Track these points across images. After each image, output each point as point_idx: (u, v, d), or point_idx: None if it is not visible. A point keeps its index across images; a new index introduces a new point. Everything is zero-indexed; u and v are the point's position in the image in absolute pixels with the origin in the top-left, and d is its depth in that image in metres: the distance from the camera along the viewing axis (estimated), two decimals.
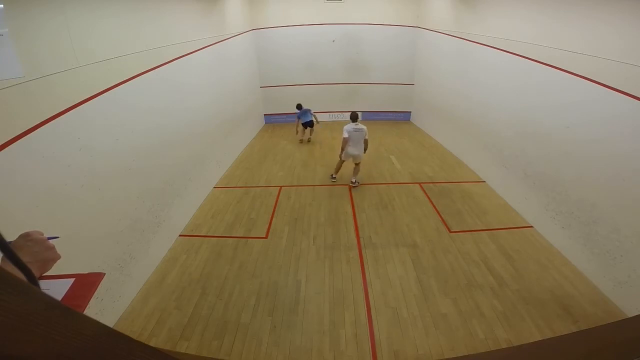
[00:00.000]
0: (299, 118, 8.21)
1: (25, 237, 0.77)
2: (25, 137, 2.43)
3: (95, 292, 0.87)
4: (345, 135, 5.50)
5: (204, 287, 3.78)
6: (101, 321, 0.46)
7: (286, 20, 9.13)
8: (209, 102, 6.06)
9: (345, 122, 5.73)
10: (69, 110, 2.84)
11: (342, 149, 5.63)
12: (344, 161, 5.91)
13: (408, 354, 2.97)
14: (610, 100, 3.52)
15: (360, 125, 5.49)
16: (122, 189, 3.53)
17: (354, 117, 5.53)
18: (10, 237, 0.62)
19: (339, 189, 5.96)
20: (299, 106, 8.33)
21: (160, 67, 4.31)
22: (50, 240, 0.82)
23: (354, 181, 5.94)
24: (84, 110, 3.00)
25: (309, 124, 8.26)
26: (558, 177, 4.34)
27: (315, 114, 8.33)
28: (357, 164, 5.89)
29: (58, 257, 0.81)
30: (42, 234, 0.81)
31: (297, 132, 8.48)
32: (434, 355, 2.94)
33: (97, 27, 3.20)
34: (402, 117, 10.25)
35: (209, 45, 5.97)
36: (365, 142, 5.59)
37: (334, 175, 6.22)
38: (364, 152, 5.75)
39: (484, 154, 6.19)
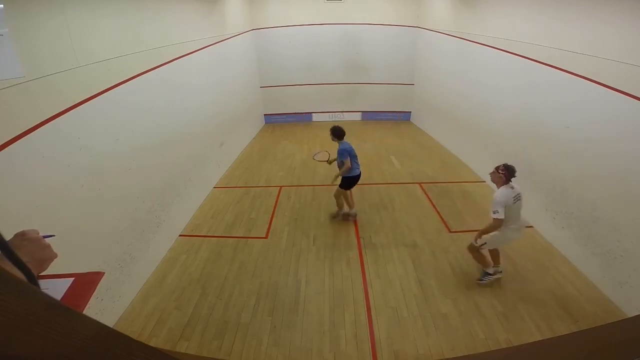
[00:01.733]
0: (348, 155, 4.42)
1: (21, 236, 0.77)
2: (26, 137, 2.43)
3: (95, 292, 0.87)
4: (500, 213, 3.14)
5: (204, 287, 3.78)
6: (101, 321, 0.46)
7: (286, 20, 9.14)
8: (209, 102, 6.06)
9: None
10: (69, 110, 2.84)
11: (487, 233, 3.36)
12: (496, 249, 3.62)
13: (408, 354, 2.97)
14: (610, 100, 3.52)
15: (517, 187, 3.29)
16: (122, 189, 3.53)
17: (510, 172, 3.21)
18: (9, 237, 0.62)
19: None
20: (338, 132, 4.52)
21: (160, 67, 4.31)
22: (46, 239, 0.81)
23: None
24: (84, 110, 3.00)
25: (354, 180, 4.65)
26: (558, 177, 4.34)
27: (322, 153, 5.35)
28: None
29: (55, 255, 0.81)
30: (38, 233, 0.80)
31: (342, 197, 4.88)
32: (434, 355, 2.94)
33: (97, 27, 3.20)
34: (402, 117, 10.25)
35: (209, 45, 5.97)
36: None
37: (491, 272, 3.65)
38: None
39: (484, 154, 6.18)
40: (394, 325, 3.25)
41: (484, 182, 6.14)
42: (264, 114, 10.22)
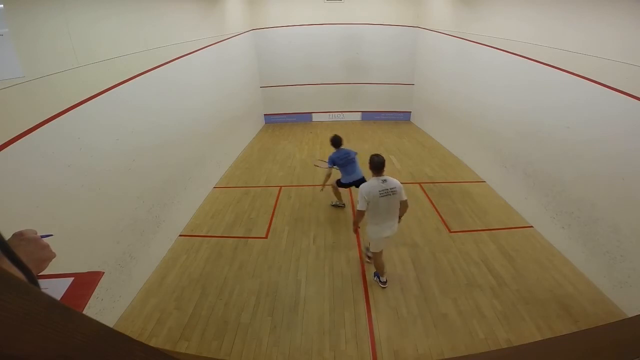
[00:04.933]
0: (335, 165, 4.73)
1: (19, 236, 0.76)
2: (26, 137, 2.43)
3: (95, 292, 0.87)
4: (363, 206, 3.13)
5: (204, 287, 3.78)
6: (101, 321, 0.46)
7: (286, 20, 9.13)
8: (209, 102, 6.06)
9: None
10: (69, 110, 2.84)
11: (357, 225, 3.41)
12: (380, 254, 3.54)
13: (408, 354, 2.97)
14: (610, 100, 3.52)
15: (391, 181, 3.20)
16: (122, 189, 3.53)
17: (377, 166, 3.20)
18: (7, 237, 0.61)
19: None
20: (332, 141, 4.83)
21: (160, 67, 4.31)
22: (45, 239, 0.81)
23: (384, 281, 3.67)
24: (84, 110, 3.00)
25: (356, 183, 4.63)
26: (558, 177, 4.34)
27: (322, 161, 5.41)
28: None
29: (53, 255, 0.80)
30: (36, 233, 0.79)
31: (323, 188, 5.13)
32: (434, 355, 2.94)
33: (97, 27, 3.20)
34: (402, 117, 10.25)
35: (209, 45, 5.97)
36: (403, 205, 3.32)
37: (382, 279, 3.67)
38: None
39: (484, 154, 6.19)
40: (394, 325, 3.25)
41: (484, 182, 6.15)
42: (264, 114, 10.22)
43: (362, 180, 4.45)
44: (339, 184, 4.97)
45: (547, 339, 2.58)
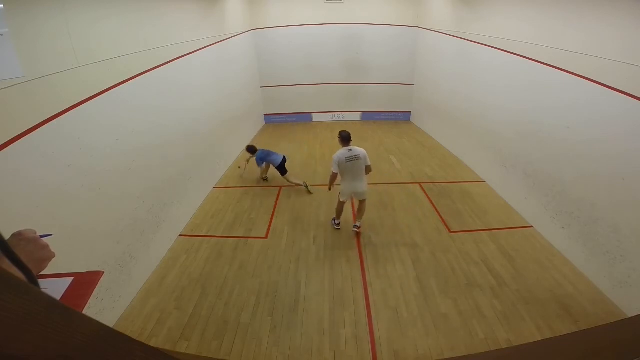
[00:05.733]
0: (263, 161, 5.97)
1: (18, 236, 0.76)
2: (26, 137, 2.43)
3: (95, 292, 0.87)
4: (335, 169, 4.14)
5: (204, 287, 3.78)
6: (101, 321, 0.46)
7: (286, 20, 9.14)
8: (209, 102, 6.06)
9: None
10: (69, 110, 2.84)
11: (332, 184, 4.41)
12: (344, 202, 4.51)
13: (408, 354, 2.97)
14: (610, 100, 3.52)
15: (356, 150, 4.11)
16: (122, 189, 3.53)
17: (345, 139, 4.16)
18: (7, 237, 0.61)
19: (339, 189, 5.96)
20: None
21: (160, 67, 4.31)
22: (44, 239, 0.81)
23: (358, 225, 4.59)
24: (84, 110, 3.00)
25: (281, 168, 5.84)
26: (558, 177, 4.34)
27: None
28: (361, 202, 4.51)
29: (52, 255, 0.80)
30: (35, 233, 0.79)
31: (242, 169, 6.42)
32: (434, 355, 2.94)
33: (97, 27, 3.20)
34: (402, 117, 10.25)
35: (209, 45, 5.97)
36: (367, 169, 4.21)
37: (336, 221, 4.71)
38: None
39: (484, 154, 6.19)
40: (394, 325, 3.25)
41: (484, 182, 6.15)
42: (264, 114, 10.22)
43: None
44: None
45: (547, 339, 2.58)
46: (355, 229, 4.59)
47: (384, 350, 3.01)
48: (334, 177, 4.29)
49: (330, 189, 4.54)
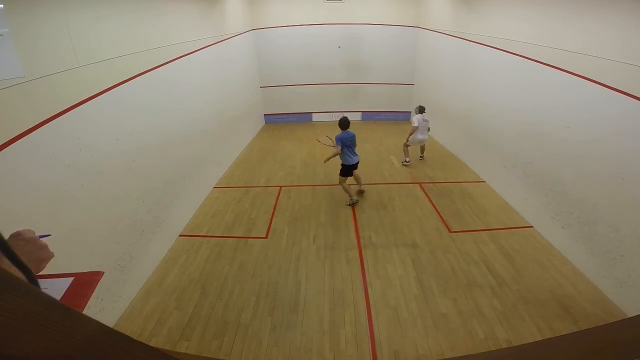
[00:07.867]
0: (340, 143, 5.07)
1: (17, 236, 0.76)
2: (26, 137, 2.43)
3: (95, 292, 0.87)
4: (415, 124, 6.61)
5: (204, 287, 3.78)
6: (101, 321, 0.46)
7: (286, 20, 9.13)
8: (209, 102, 6.06)
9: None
10: (69, 110, 2.84)
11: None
12: (409, 145, 6.94)
13: (408, 354, 2.97)
14: (610, 100, 3.52)
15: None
16: (122, 189, 3.53)
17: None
18: (6, 237, 0.61)
19: (339, 189, 5.96)
20: (341, 123, 5.17)
21: (160, 67, 4.31)
22: (43, 239, 0.81)
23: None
24: (84, 110, 3.00)
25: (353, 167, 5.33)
26: (558, 177, 4.34)
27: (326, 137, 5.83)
28: (422, 147, 7.16)
29: (51, 255, 0.80)
30: (34, 233, 0.79)
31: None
32: (434, 355, 2.94)
33: (97, 27, 3.20)
34: (402, 117, 10.24)
35: (209, 45, 5.97)
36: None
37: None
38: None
39: (484, 154, 6.19)
40: (394, 325, 3.25)
41: (484, 182, 6.15)
42: (264, 114, 10.22)
43: (357, 164, 5.38)
44: (343, 172, 5.30)
45: (547, 339, 2.58)
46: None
47: (384, 350, 3.01)
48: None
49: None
